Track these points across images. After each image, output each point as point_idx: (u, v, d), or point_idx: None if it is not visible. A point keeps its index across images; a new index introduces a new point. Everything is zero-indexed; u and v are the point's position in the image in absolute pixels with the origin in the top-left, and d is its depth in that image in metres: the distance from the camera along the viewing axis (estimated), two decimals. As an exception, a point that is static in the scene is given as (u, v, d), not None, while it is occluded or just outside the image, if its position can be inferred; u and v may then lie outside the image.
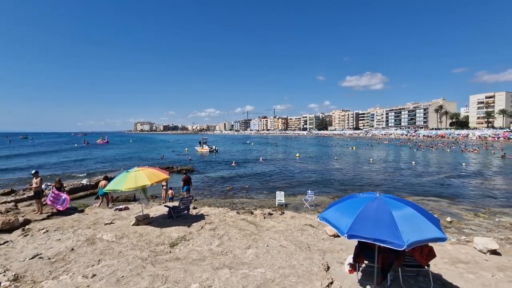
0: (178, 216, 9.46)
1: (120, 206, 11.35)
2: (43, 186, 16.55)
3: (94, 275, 5.24)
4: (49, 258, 6.07)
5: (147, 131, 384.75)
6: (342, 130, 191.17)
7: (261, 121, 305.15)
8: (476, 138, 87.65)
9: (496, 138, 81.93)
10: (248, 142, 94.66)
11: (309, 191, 14.95)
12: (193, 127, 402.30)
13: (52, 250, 6.55)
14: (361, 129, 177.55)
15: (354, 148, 61.49)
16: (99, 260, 6.01)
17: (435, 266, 5.98)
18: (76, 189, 17.01)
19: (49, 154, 46.55)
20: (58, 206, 10.14)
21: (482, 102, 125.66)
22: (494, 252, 7.30)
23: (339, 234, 4.35)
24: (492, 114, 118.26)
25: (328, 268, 5.73)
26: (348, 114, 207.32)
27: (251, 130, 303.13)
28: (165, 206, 10.54)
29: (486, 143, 70.17)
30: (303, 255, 6.33)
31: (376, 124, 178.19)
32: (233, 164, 33.72)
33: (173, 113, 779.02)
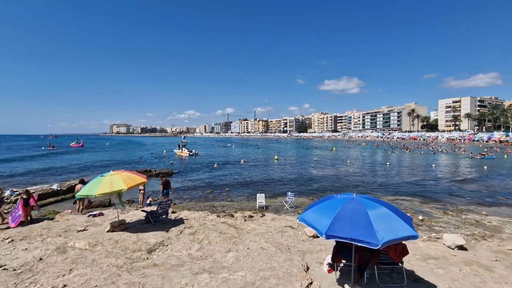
0: (156, 221, 9.20)
1: (94, 212, 10.85)
2: (7, 193, 15.53)
3: (65, 286, 4.96)
4: (15, 270, 5.68)
5: (124, 133, 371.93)
6: (321, 132, 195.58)
7: (241, 123, 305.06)
8: (445, 140, 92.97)
9: (462, 140, 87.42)
10: (229, 145, 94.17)
11: (289, 192, 15.11)
12: (172, 129, 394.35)
13: (18, 260, 6.13)
14: (339, 132, 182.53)
15: (334, 149, 63.03)
16: (70, 270, 5.70)
17: (408, 262, 6.24)
18: (45, 195, 16.06)
19: (15, 160, 43.56)
20: (11, 223, 9.33)
21: (450, 106, 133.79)
22: (461, 247, 7.76)
23: (318, 235, 4.44)
24: (458, 118, 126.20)
25: (308, 268, 5.81)
26: (327, 117, 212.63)
27: (231, 132, 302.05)
28: (142, 211, 10.22)
29: (454, 144, 74.64)
30: (283, 257, 6.38)
31: (353, 127, 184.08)
32: (215, 166, 33.64)
33: (151, 115, 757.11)
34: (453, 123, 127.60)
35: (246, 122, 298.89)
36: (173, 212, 10.80)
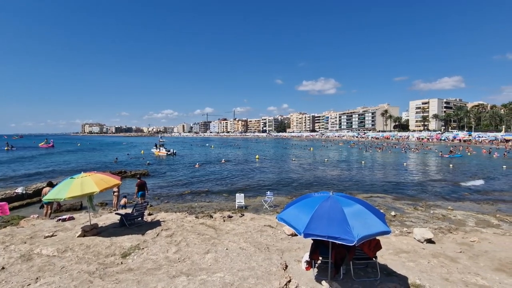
0: (131, 224, 8.88)
1: (64, 216, 10.26)
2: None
3: (30, 296, 4.64)
4: (-28, 281, 5.23)
5: (97, 133, 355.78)
6: (300, 132, 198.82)
7: (221, 123, 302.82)
8: (415, 139, 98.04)
9: (430, 139, 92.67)
10: (207, 144, 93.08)
11: (268, 192, 15.21)
12: (149, 129, 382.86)
13: (-24, 271, 5.65)
14: (317, 131, 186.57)
15: (311, 149, 64.31)
16: (37, 278, 5.35)
17: (381, 257, 6.50)
18: (8, 199, 14.95)
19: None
20: None
21: (419, 108, 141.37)
22: (429, 241, 8.21)
23: (297, 233, 4.50)
24: (427, 118, 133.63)
25: (286, 267, 5.87)
26: (305, 117, 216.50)
27: (211, 132, 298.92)
28: (116, 213, 9.81)
29: (422, 144, 78.93)
30: (262, 256, 6.39)
31: (331, 127, 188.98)
32: (196, 166, 33.34)
33: (126, 114, 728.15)
34: (422, 123, 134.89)
35: (226, 122, 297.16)
36: (149, 214, 10.48)
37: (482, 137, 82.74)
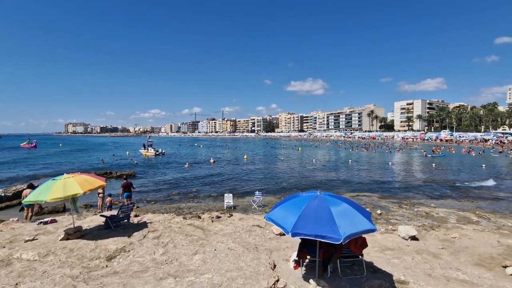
0: (117, 226, 8.68)
1: (46, 219, 9.90)
2: None
3: (9, 303, 4.46)
4: None
5: (81, 133, 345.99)
6: (288, 132, 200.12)
7: (209, 123, 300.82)
8: (400, 139, 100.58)
9: (414, 139, 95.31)
10: (196, 144, 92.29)
11: (257, 192, 15.24)
12: (135, 129, 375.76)
13: (-50, 278, 5.38)
14: (305, 131, 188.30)
15: (300, 149, 64.85)
16: (16, 284, 5.15)
17: (367, 255, 6.63)
18: (-14, 202, 14.33)
19: None
20: None
21: (404, 108, 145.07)
22: (413, 238, 8.44)
23: (284, 233, 4.53)
24: (411, 119, 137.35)
25: (275, 266, 5.89)
26: (294, 117, 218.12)
27: (199, 132, 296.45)
28: (101, 215, 9.57)
29: (406, 143, 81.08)
30: (250, 256, 6.39)
31: (319, 127, 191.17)
32: (186, 166, 33.18)
33: (112, 114, 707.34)
34: (407, 123, 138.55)
35: (214, 122, 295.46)
36: (135, 216, 10.28)
37: (463, 137, 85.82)
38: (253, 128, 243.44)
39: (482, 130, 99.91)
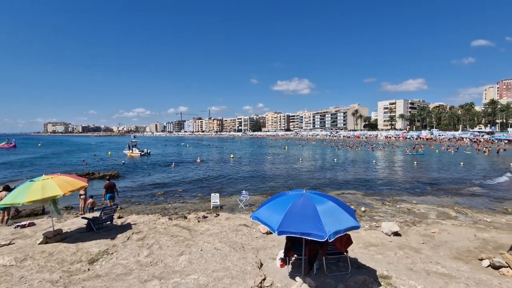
0: (100, 228, 8.44)
1: (23, 222, 9.49)
2: None
3: (-17, 311, 4.24)
4: None
5: (62, 132, 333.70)
6: (275, 131, 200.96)
7: (195, 122, 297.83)
8: (383, 138, 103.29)
9: (397, 138, 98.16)
10: (182, 143, 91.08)
11: (244, 191, 15.22)
12: (119, 128, 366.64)
13: None
14: (292, 130, 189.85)
15: (286, 148, 65.29)
16: (-10, 291, 4.90)
17: (352, 251, 6.76)
18: (-43, 205, 13.53)
19: None
20: None
21: (387, 108, 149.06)
22: (396, 233, 8.69)
23: (271, 231, 4.54)
24: (394, 118, 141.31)
25: (261, 265, 5.90)
26: (280, 116, 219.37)
27: (185, 131, 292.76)
28: (83, 218, 9.27)
29: (389, 142, 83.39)
30: (237, 256, 6.38)
31: (305, 126, 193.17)
32: (172, 166, 32.79)
33: (94, 113, 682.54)
34: (390, 122, 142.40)
35: (201, 121, 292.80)
36: (119, 218, 10.03)
37: (442, 135, 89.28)
38: (240, 128, 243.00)
39: (460, 129, 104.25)
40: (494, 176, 23.99)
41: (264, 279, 5.16)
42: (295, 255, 5.66)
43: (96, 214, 9.60)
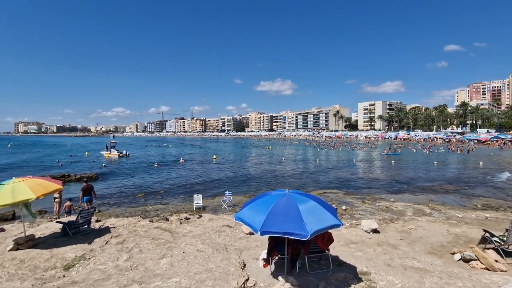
0: (76, 233, 8.10)
1: (-9, 228, 8.94)
2: None
3: None
4: None
5: (35, 133, 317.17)
6: (258, 131, 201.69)
7: (178, 122, 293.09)
8: (363, 138, 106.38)
9: (376, 138, 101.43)
10: (164, 144, 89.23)
11: (227, 192, 15.14)
12: (97, 128, 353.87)
13: None
14: (275, 131, 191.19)
15: (270, 148, 65.64)
16: (-47, 303, 4.57)
17: (333, 249, 6.90)
18: None
19: None
20: None
21: (367, 109, 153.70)
22: (375, 231, 8.97)
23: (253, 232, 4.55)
24: (373, 119, 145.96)
25: (245, 265, 5.90)
26: (263, 117, 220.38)
27: (167, 132, 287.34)
28: (57, 222, 8.86)
29: (369, 142, 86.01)
30: (220, 257, 6.34)
31: (288, 126, 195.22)
32: (155, 166, 32.40)
33: (70, 112, 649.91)
34: (369, 123, 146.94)
35: (183, 121, 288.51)
36: (97, 221, 9.68)
37: (418, 136, 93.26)
38: (223, 128, 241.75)
39: (434, 130, 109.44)
40: (465, 174, 25.36)
41: (247, 280, 5.16)
42: (278, 255, 5.70)
43: (72, 218, 9.22)
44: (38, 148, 73.35)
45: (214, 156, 43.23)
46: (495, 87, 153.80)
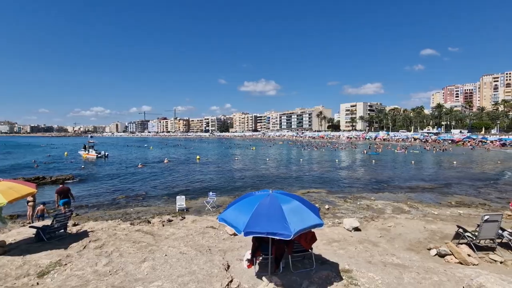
0: (51, 238, 7.72)
1: (-44, 235, 8.34)
2: None
3: None
4: None
5: (6, 133, 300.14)
6: (243, 132, 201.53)
7: (160, 122, 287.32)
8: (345, 138, 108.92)
9: (357, 138, 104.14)
10: (146, 145, 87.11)
11: (211, 192, 15.01)
12: (75, 128, 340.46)
13: None
14: (259, 131, 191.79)
15: (254, 148, 65.73)
16: None
17: (316, 248, 7.00)
18: None
19: None
20: None
21: (349, 110, 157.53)
22: (356, 229, 9.19)
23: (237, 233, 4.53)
24: (355, 119, 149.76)
25: (228, 267, 5.86)
26: (248, 117, 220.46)
27: (149, 132, 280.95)
28: (31, 227, 8.41)
29: (351, 142, 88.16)
30: (204, 259, 6.26)
31: (272, 126, 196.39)
32: (139, 166, 31.80)
33: (46, 111, 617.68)
34: (351, 124, 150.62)
35: (166, 121, 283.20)
36: (74, 225, 9.28)
37: (397, 136, 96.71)
38: (207, 128, 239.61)
39: (412, 130, 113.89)
40: (440, 173, 26.57)
41: (231, 281, 5.13)
42: (262, 255, 5.71)
43: (47, 222, 8.79)
44: (9, 149, 69.42)
45: (198, 157, 42.75)
46: (467, 89, 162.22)
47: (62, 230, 8.20)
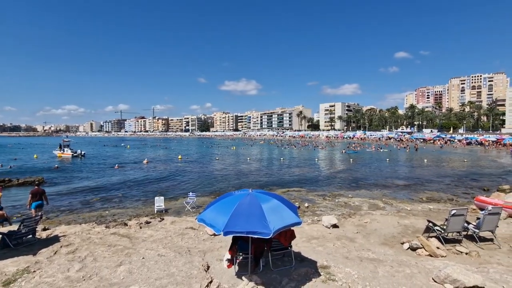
0: (18, 244, 7.26)
1: None
2: None
3: None
4: None
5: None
6: (223, 131, 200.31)
7: (138, 121, 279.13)
8: (324, 137, 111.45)
9: (336, 138, 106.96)
10: (122, 144, 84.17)
11: (191, 193, 14.78)
12: (45, 127, 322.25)
13: None
14: (240, 131, 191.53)
15: (234, 148, 65.52)
16: None
17: (296, 245, 7.12)
18: None
19: None
20: None
21: (328, 110, 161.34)
22: (335, 226, 9.43)
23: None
24: (333, 119, 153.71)
25: (208, 267, 5.81)
26: (228, 116, 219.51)
27: (126, 131, 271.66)
28: (-5, 233, 7.86)
29: (330, 142, 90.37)
30: (183, 260, 6.16)
31: (253, 126, 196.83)
32: (116, 167, 30.64)
33: (12, 109, 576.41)
34: (330, 123, 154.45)
35: (144, 120, 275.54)
36: (44, 230, 8.80)
37: (373, 135, 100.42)
38: (187, 128, 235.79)
39: (387, 130, 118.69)
40: (412, 170, 27.90)
41: (210, 282, 5.09)
42: (242, 254, 5.71)
43: (14, 227, 8.26)
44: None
45: (179, 156, 41.99)
46: (437, 91, 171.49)
47: (31, 236, 7.75)
